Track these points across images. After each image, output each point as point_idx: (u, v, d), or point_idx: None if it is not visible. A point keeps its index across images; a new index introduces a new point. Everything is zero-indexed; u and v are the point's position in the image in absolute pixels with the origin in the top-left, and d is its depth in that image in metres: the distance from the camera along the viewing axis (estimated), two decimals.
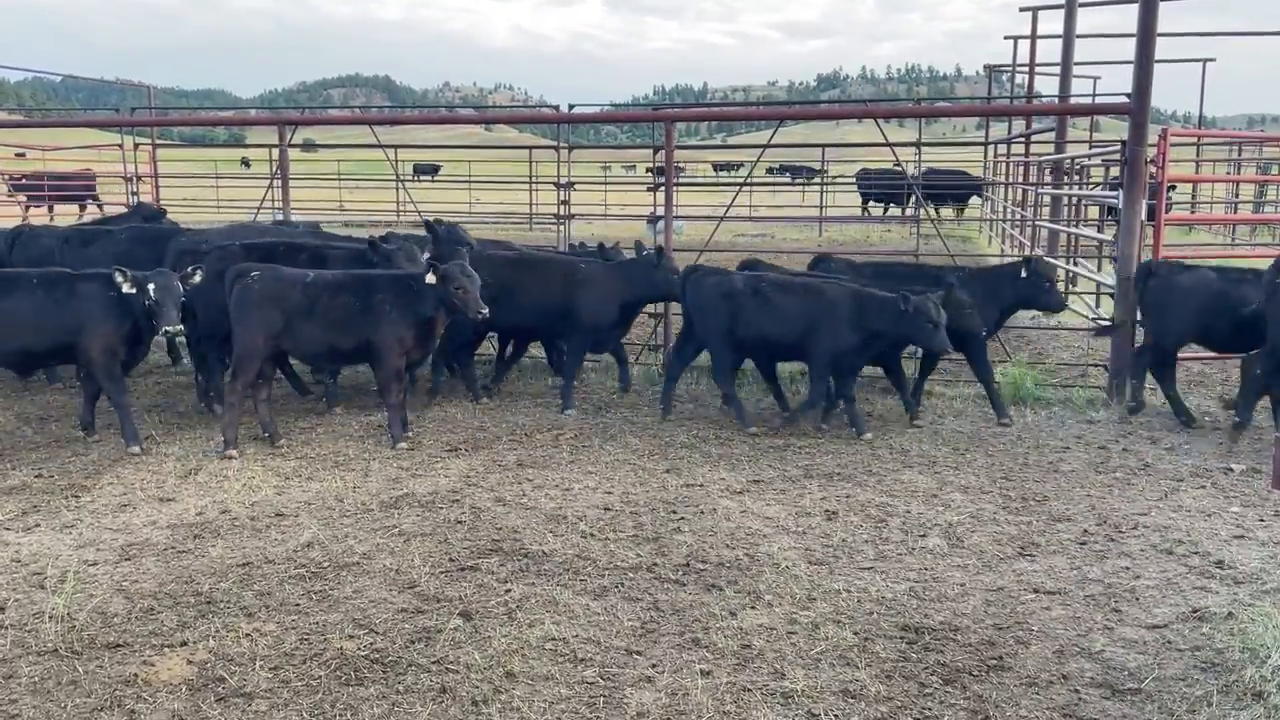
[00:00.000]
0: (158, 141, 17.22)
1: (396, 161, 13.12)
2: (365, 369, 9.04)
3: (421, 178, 45.07)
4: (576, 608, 5.06)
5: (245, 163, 52.05)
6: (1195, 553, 5.87)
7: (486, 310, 7.68)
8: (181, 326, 7.39)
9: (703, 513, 6.48)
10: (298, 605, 5.11)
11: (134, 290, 7.38)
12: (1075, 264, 13.68)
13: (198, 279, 7.61)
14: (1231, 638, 4.73)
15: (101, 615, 4.98)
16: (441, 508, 6.51)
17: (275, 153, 20.80)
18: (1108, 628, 4.91)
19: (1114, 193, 10.25)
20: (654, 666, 4.49)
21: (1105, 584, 5.42)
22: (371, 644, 4.67)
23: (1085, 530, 6.23)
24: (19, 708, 4.15)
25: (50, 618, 4.91)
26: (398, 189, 28.14)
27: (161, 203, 18.28)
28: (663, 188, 10.86)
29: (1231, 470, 7.42)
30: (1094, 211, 16.76)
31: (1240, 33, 22.69)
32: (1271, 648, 4.52)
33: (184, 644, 4.68)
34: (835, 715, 4.09)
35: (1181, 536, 6.11)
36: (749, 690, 4.29)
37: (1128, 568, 5.65)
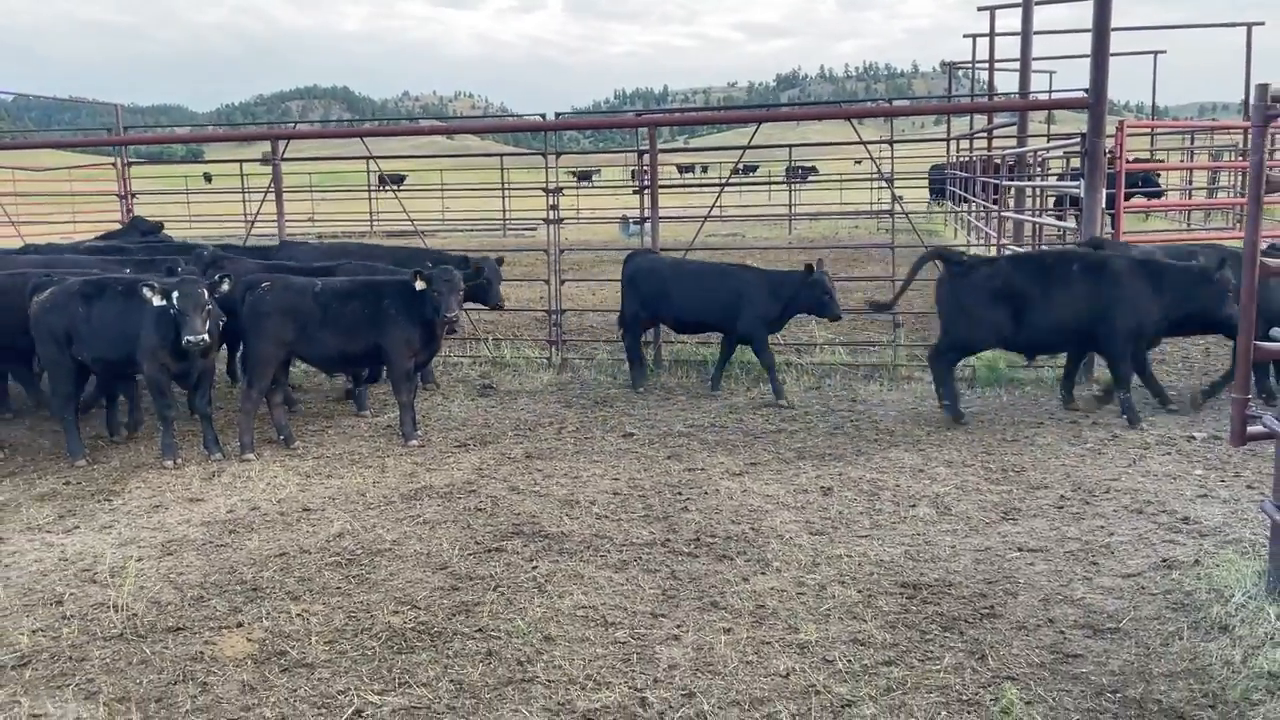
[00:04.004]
0: (129, 160, 17.35)
1: (380, 172, 13.40)
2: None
3: (387, 187, 45.36)
4: (601, 580, 5.47)
5: (207, 177, 52.10)
6: (1163, 511, 6.36)
7: (455, 313, 7.99)
8: (205, 337, 7.38)
9: (706, 493, 6.90)
10: (339, 588, 5.47)
11: (163, 301, 7.43)
12: None
13: (225, 288, 7.77)
14: (1199, 581, 5.22)
15: (156, 604, 5.32)
16: (460, 498, 6.89)
17: (242, 167, 20.94)
18: (1087, 578, 5.38)
19: (1075, 183, 10.80)
20: (679, 627, 4.90)
21: (1083, 541, 5.90)
22: (416, 618, 5.04)
23: (1062, 495, 6.72)
24: (97, 685, 4.48)
25: (110, 607, 5.24)
26: (370, 199, 28.45)
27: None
28: (643, 190, 11.29)
29: (1194, 438, 7.94)
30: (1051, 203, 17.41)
31: (1187, 25, 23.41)
32: (1235, 588, 5.00)
33: (240, 625, 5.04)
34: (848, 660, 4.52)
35: (1150, 498, 6.61)
36: (768, 643, 4.71)
37: (1102, 526, 6.13)
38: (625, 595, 5.27)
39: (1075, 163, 14.32)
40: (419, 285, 7.98)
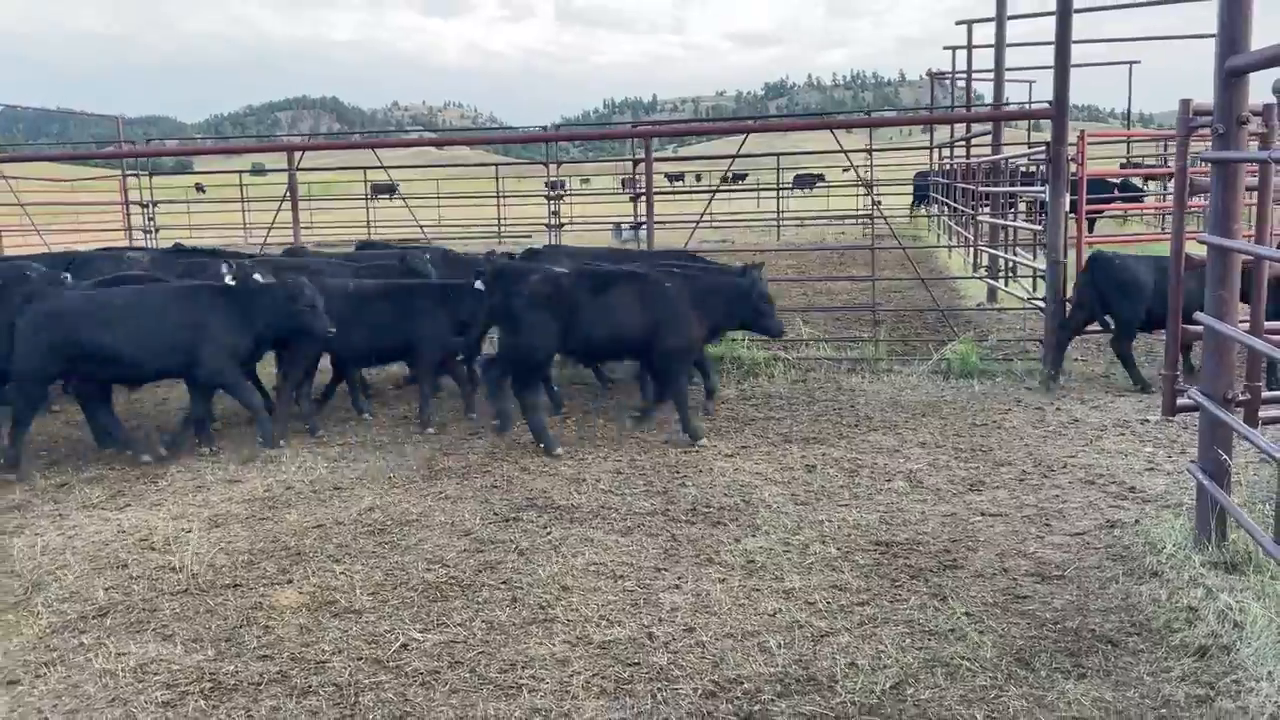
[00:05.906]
0: (148, 171, 18.08)
1: (389, 180, 14.06)
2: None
3: (380, 196, 46.11)
4: (609, 542, 6.14)
5: (200, 188, 52.73)
6: (1113, 482, 7.07)
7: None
8: None
9: (701, 471, 7.58)
10: (375, 552, 6.12)
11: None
12: (1015, 252, 15.03)
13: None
14: (1137, 537, 5.92)
15: (212, 567, 5.96)
16: (476, 477, 7.56)
17: (242, 177, 21.49)
18: (1039, 537, 6.07)
19: (1041, 188, 11.53)
20: (679, 578, 5.57)
21: (1039, 507, 6.60)
22: (447, 574, 5.71)
23: (1023, 471, 7.42)
24: (171, 629, 5.13)
25: (172, 569, 5.89)
26: (367, 209, 29.12)
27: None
28: (637, 198, 11.98)
29: (1148, 420, 8.66)
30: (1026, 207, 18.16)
31: (1154, 37, 24.20)
32: (1167, 541, 5.70)
33: (290, 582, 5.69)
34: (828, 602, 5.20)
35: (1103, 471, 7.32)
36: (758, 590, 5.39)
37: (1057, 495, 6.83)
38: (631, 554, 5.94)
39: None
40: (478, 285, 8.70)
